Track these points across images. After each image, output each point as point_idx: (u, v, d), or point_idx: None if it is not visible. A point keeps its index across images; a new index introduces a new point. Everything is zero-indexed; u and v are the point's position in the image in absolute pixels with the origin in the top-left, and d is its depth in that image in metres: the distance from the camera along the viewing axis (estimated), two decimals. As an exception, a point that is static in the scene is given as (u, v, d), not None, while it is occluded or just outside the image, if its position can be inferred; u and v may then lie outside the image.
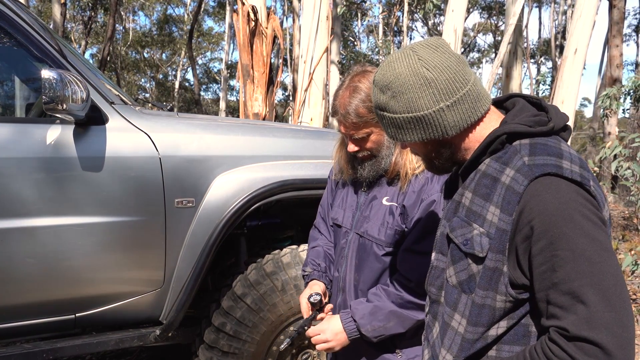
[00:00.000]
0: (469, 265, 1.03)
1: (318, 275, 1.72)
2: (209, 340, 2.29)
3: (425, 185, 1.55)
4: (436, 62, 1.02)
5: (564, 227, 0.89)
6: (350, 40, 25.69)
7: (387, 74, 1.06)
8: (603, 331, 0.84)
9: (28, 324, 2.07)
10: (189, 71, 30.39)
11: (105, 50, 14.32)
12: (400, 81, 1.03)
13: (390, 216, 1.58)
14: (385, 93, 1.06)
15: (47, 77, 1.83)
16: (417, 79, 1.02)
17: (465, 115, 1.04)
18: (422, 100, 1.02)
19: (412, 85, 1.03)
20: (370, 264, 1.60)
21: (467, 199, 1.06)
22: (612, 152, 4.75)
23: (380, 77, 1.08)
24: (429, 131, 1.05)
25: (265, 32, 5.78)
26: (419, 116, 1.04)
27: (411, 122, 1.05)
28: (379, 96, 1.08)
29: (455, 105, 1.03)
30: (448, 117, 1.03)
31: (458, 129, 1.05)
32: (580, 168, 0.95)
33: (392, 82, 1.05)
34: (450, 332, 1.07)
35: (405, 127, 1.07)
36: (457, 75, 1.03)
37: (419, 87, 1.02)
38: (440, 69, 1.02)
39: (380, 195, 1.62)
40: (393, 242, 1.57)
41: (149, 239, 2.14)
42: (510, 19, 6.96)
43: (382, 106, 1.09)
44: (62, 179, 2.01)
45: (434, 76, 1.02)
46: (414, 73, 1.03)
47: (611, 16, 12.82)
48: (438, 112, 1.03)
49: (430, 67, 1.02)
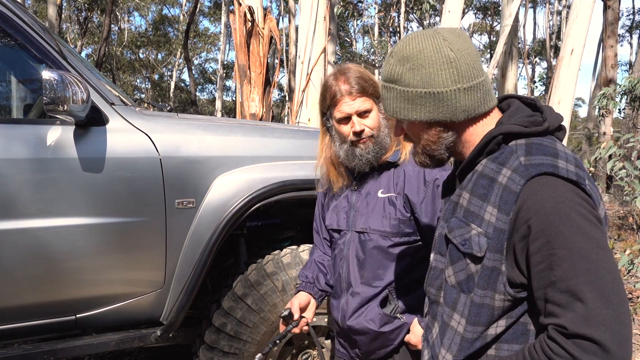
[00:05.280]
0: (468, 265, 1.04)
1: (304, 287, 1.76)
2: (209, 340, 2.30)
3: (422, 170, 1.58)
4: (459, 46, 1.04)
5: (560, 225, 0.90)
6: (347, 41, 25.71)
7: (409, 46, 1.05)
8: (601, 328, 0.85)
9: (28, 325, 2.07)
10: (185, 71, 30.35)
11: (101, 51, 14.27)
12: (423, 55, 1.03)
13: (391, 207, 1.58)
14: (404, 64, 1.05)
15: (48, 78, 1.83)
16: (440, 56, 1.02)
17: (476, 103, 1.05)
18: (441, 77, 1.02)
19: (433, 60, 1.03)
20: (375, 258, 1.60)
21: (465, 199, 1.07)
22: (607, 153, 4.78)
23: (400, 49, 1.07)
24: (441, 110, 1.04)
25: (261, 32, 5.79)
26: (435, 92, 1.03)
27: (425, 97, 1.04)
28: (394, 67, 1.07)
29: (471, 90, 1.03)
30: (462, 99, 1.03)
31: (467, 114, 1.05)
32: (575, 167, 0.96)
33: (413, 55, 1.04)
34: (449, 332, 1.08)
35: (417, 102, 1.05)
36: (476, 63, 1.05)
37: (440, 63, 1.02)
38: (462, 53, 1.03)
39: (374, 190, 1.63)
40: (398, 232, 1.58)
41: (149, 240, 2.14)
42: (505, 19, 6.99)
43: (395, 78, 1.07)
44: (62, 180, 2.01)
45: (457, 57, 1.02)
46: (437, 50, 1.03)
47: (605, 17, 12.90)
48: (455, 92, 1.03)
49: (453, 49, 1.03)
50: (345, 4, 16.19)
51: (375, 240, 1.59)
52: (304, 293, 1.74)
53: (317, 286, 1.75)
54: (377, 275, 1.60)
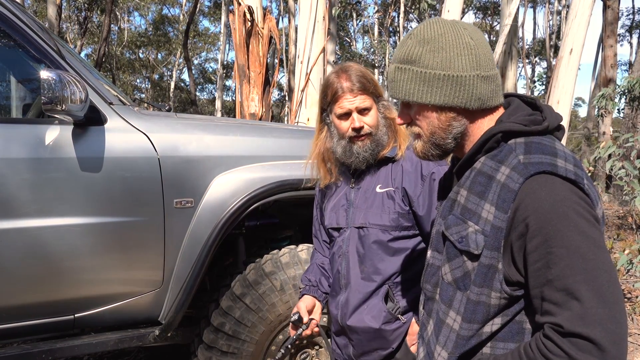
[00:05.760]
0: (464, 263, 1.04)
1: (308, 290, 1.78)
2: (208, 340, 2.30)
3: (419, 163, 1.60)
4: (478, 37, 1.06)
5: (558, 224, 0.90)
6: (346, 41, 25.71)
7: (431, 29, 1.06)
8: (597, 327, 0.85)
9: (27, 324, 2.07)
10: (185, 71, 30.34)
11: (101, 51, 14.27)
12: (444, 39, 1.04)
13: (389, 201, 1.60)
14: (424, 46, 1.05)
15: (46, 77, 1.83)
16: (461, 41, 1.04)
17: (491, 93, 1.06)
18: (462, 61, 1.03)
19: (455, 45, 1.04)
20: (375, 253, 1.61)
21: (463, 196, 1.07)
22: (606, 152, 4.78)
23: (421, 31, 1.07)
24: (456, 94, 1.04)
25: (261, 32, 5.79)
26: (454, 75, 1.04)
27: (443, 80, 1.04)
28: (414, 48, 1.06)
29: (488, 79, 1.05)
30: (479, 86, 1.04)
31: (481, 103, 1.05)
32: (574, 167, 0.96)
33: (435, 38, 1.05)
34: (445, 329, 1.08)
35: (435, 84, 1.05)
36: (492, 56, 1.07)
37: (462, 48, 1.04)
38: (480, 43, 1.05)
39: (372, 186, 1.65)
40: (398, 225, 1.59)
41: (148, 240, 2.15)
42: (505, 19, 6.99)
43: (413, 58, 1.06)
44: (60, 180, 2.01)
45: (476, 45, 1.04)
46: (458, 36, 1.04)
47: (605, 16, 12.89)
48: (473, 77, 1.04)
49: (473, 38, 1.05)
50: (344, 4, 16.20)
51: (374, 234, 1.60)
52: (309, 296, 1.76)
53: (321, 289, 1.77)
54: (377, 269, 1.61)
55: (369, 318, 1.60)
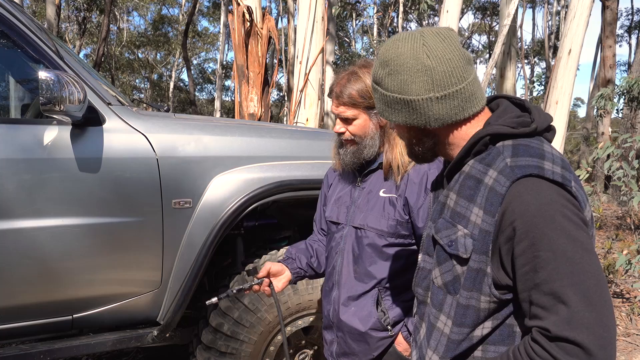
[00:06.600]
0: (454, 267, 1.04)
1: (283, 260, 1.79)
2: (206, 340, 2.30)
3: (424, 176, 1.59)
4: (439, 52, 1.02)
5: (545, 228, 0.90)
6: (345, 41, 25.72)
7: (390, 50, 1.06)
8: (584, 331, 0.85)
9: (25, 325, 2.07)
10: (184, 71, 30.35)
11: (100, 51, 14.26)
12: (400, 61, 1.04)
13: (390, 207, 1.60)
14: (384, 68, 1.07)
15: (44, 78, 1.83)
16: (416, 63, 1.02)
17: (452, 112, 1.04)
18: (414, 85, 1.03)
19: (409, 67, 1.03)
20: (369, 255, 1.61)
21: (452, 200, 1.07)
22: (604, 153, 4.79)
23: (383, 52, 1.08)
24: (413, 117, 1.06)
25: (260, 32, 5.79)
26: (407, 99, 1.04)
27: (399, 103, 1.06)
28: (378, 70, 1.09)
29: (445, 99, 1.03)
30: (434, 108, 1.03)
31: (441, 122, 1.05)
32: (562, 169, 0.96)
33: (392, 60, 1.05)
34: (436, 333, 1.09)
35: (393, 106, 1.07)
36: (456, 70, 1.02)
37: (415, 71, 1.03)
38: (440, 60, 1.02)
39: (376, 189, 1.65)
40: (395, 232, 1.59)
41: (146, 240, 2.15)
42: (504, 19, 6.99)
43: (378, 80, 1.10)
44: (59, 180, 2.01)
45: (433, 65, 1.02)
46: (414, 56, 1.03)
47: (604, 17, 12.90)
48: (425, 101, 1.03)
49: (431, 56, 1.02)
50: (343, 4, 16.21)
51: (371, 237, 1.60)
52: (280, 264, 1.76)
53: (297, 263, 1.77)
54: (369, 272, 1.61)
55: (357, 319, 1.61)
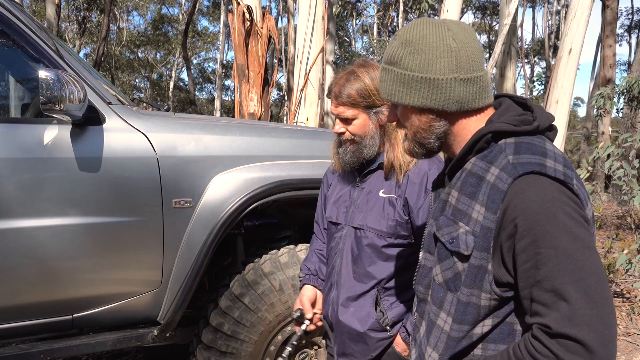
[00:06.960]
0: (455, 264, 1.04)
1: (308, 279, 1.78)
2: (206, 340, 2.30)
3: (425, 176, 1.58)
4: (463, 38, 1.04)
5: (546, 225, 0.90)
6: (345, 40, 25.72)
7: (413, 31, 1.06)
8: (585, 328, 0.85)
9: (25, 324, 2.07)
10: (184, 71, 30.35)
11: (100, 50, 14.25)
12: (425, 41, 1.04)
13: (390, 207, 1.59)
14: (405, 48, 1.06)
15: (45, 77, 1.83)
16: (442, 44, 1.03)
17: (471, 97, 1.04)
18: (439, 64, 1.03)
19: (435, 47, 1.03)
20: (368, 256, 1.60)
21: (454, 197, 1.07)
22: (605, 152, 4.79)
23: (404, 32, 1.07)
24: (433, 97, 1.04)
25: (260, 32, 5.78)
26: (430, 78, 1.03)
27: (419, 81, 1.04)
28: (396, 49, 1.08)
29: (468, 82, 1.03)
30: (457, 90, 1.03)
31: (459, 106, 1.05)
32: (563, 167, 0.96)
33: (416, 40, 1.05)
34: (436, 331, 1.08)
35: (413, 86, 1.05)
36: (477, 57, 1.05)
37: (441, 51, 1.03)
38: (464, 45, 1.03)
39: (376, 189, 1.64)
40: (394, 233, 1.58)
41: (146, 240, 2.14)
42: (504, 19, 6.99)
43: (395, 60, 1.08)
44: (59, 180, 2.00)
45: (458, 47, 1.03)
46: (440, 38, 1.03)
47: (604, 16, 12.90)
48: (450, 80, 1.03)
49: (457, 40, 1.03)
50: (343, 4, 16.21)
51: (370, 238, 1.60)
52: (310, 287, 1.76)
53: (320, 276, 1.77)
54: (368, 272, 1.61)
55: (356, 319, 1.60)
